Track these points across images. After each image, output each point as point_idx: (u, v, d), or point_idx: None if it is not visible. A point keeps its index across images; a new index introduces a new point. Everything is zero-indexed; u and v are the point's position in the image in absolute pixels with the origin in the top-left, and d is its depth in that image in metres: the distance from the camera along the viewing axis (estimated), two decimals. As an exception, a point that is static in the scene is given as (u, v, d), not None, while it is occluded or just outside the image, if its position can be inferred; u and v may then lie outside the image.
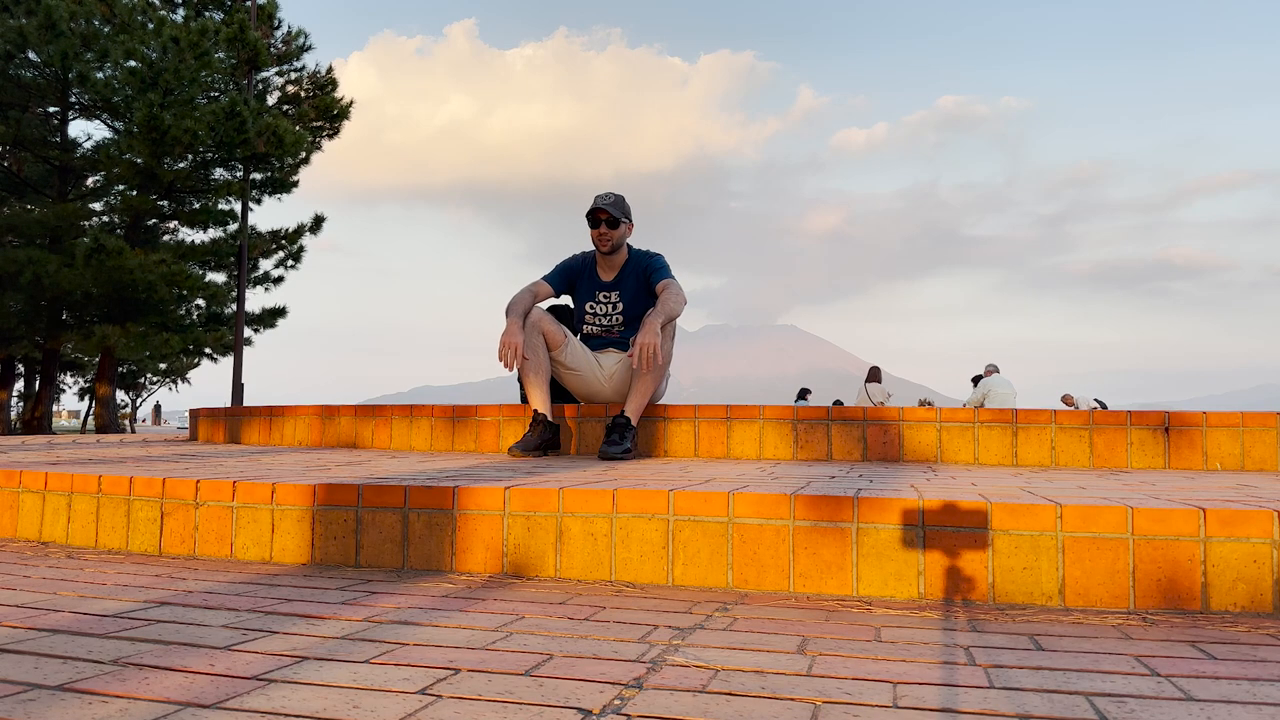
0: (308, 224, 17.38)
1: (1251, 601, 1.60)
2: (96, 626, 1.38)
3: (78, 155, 15.00)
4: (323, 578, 1.85)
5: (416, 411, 4.03)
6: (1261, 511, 1.62)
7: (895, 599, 1.69)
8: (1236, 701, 1.06)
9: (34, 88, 13.96)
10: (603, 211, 3.55)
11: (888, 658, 1.25)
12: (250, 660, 1.20)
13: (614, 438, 3.26)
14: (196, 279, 14.63)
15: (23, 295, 13.71)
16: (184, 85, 13.60)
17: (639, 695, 1.06)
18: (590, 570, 1.87)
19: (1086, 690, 1.10)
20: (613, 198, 3.60)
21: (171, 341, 14.53)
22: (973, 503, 1.71)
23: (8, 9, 13.03)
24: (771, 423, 3.52)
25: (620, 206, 3.59)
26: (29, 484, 2.43)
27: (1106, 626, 1.48)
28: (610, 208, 3.56)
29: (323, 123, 17.59)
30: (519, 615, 1.51)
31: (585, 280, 3.72)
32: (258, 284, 17.52)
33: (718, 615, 1.53)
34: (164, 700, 1.03)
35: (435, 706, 1.02)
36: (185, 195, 15.74)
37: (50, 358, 15.96)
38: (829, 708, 1.03)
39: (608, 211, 3.55)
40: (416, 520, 1.98)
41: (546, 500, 1.91)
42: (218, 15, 16.46)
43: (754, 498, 1.81)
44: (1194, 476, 2.75)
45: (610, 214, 3.56)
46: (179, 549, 2.16)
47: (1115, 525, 1.66)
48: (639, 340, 3.21)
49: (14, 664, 1.17)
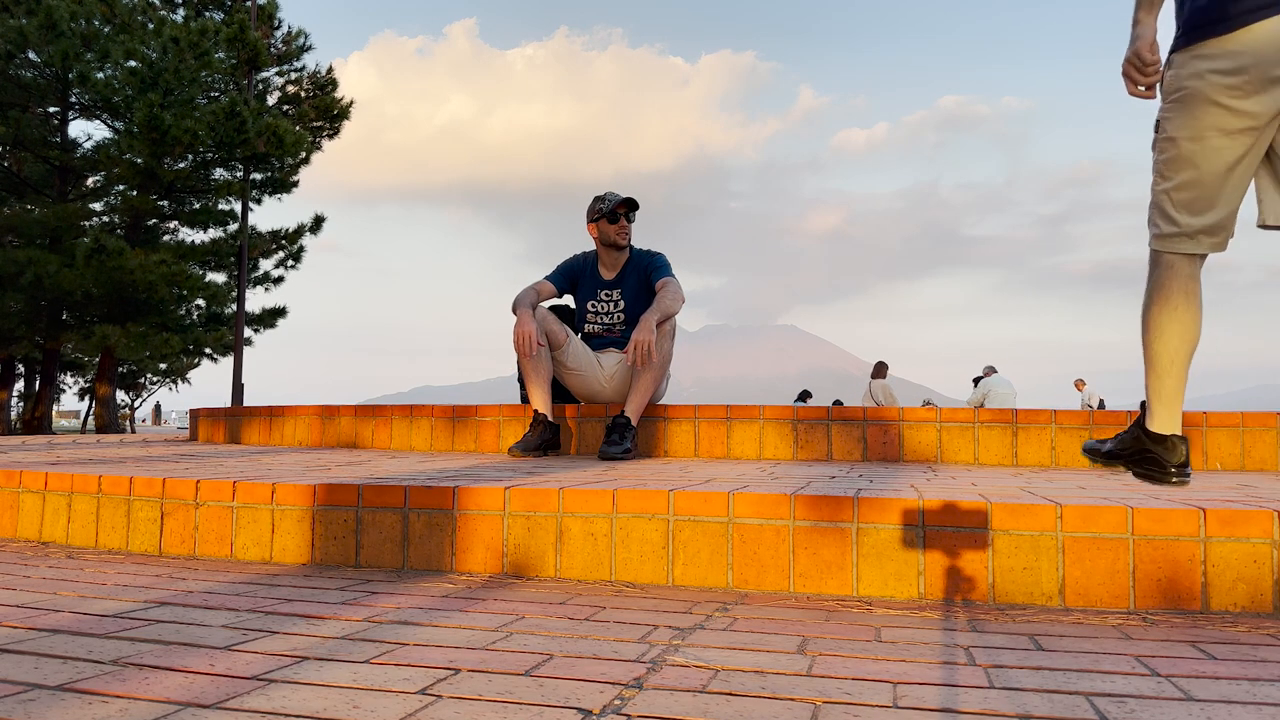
0: (308, 224, 17.38)
1: (1251, 601, 1.60)
2: (96, 626, 1.38)
3: (78, 155, 14.99)
4: (323, 578, 1.85)
5: (416, 411, 4.03)
6: (1261, 511, 1.62)
7: (895, 599, 1.69)
8: (1236, 701, 1.06)
9: (34, 88, 13.96)
10: (631, 203, 3.64)
11: (888, 658, 1.25)
12: (250, 660, 1.20)
13: (614, 438, 3.26)
14: (196, 279, 14.63)
15: (23, 295, 13.70)
16: (184, 85, 13.60)
17: (639, 695, 1.06)
18: (590, 570, 1.87)
19: (1087, 690, 1.10)
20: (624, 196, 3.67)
21: (171, 341, 14.52)
22: (973, 503, 1.71)
23: (8, 9, 13.02)
24: (771, 423, 3.52)
25: None
26: (29, 484, 2.43)
27: (1107, 626, 1.48)
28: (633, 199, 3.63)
29: (323, 123, 17.59)
30: (519, 615, 1.51)
31: (587, 279, 3.74)
32: (258, 284, 17.51)
33: (718, 615, 1.53)
34: (164, 700, 1.03)
35: (435, 706, 1.02)
36: (185, 195, 15.74)
37: (50, 358, 15.96)
38: (829, 708, 1.03)
39: (635, 202, 3.65)
40: (416, 520, 1.98)
41: (546, 500, 1.91)
42: (218, 15, 16.46)
43: (754, 498, 1.81)
44: (1194, 476, 2.75)
45: (637, 204, 3.66)
46: (179, 549, 2.16)
47: (1115, 525, 1.66)
48: (634, 338, 3.24)
49: (14, 664, 1.17)
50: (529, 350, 3.34)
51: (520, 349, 3.36)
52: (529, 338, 3.33)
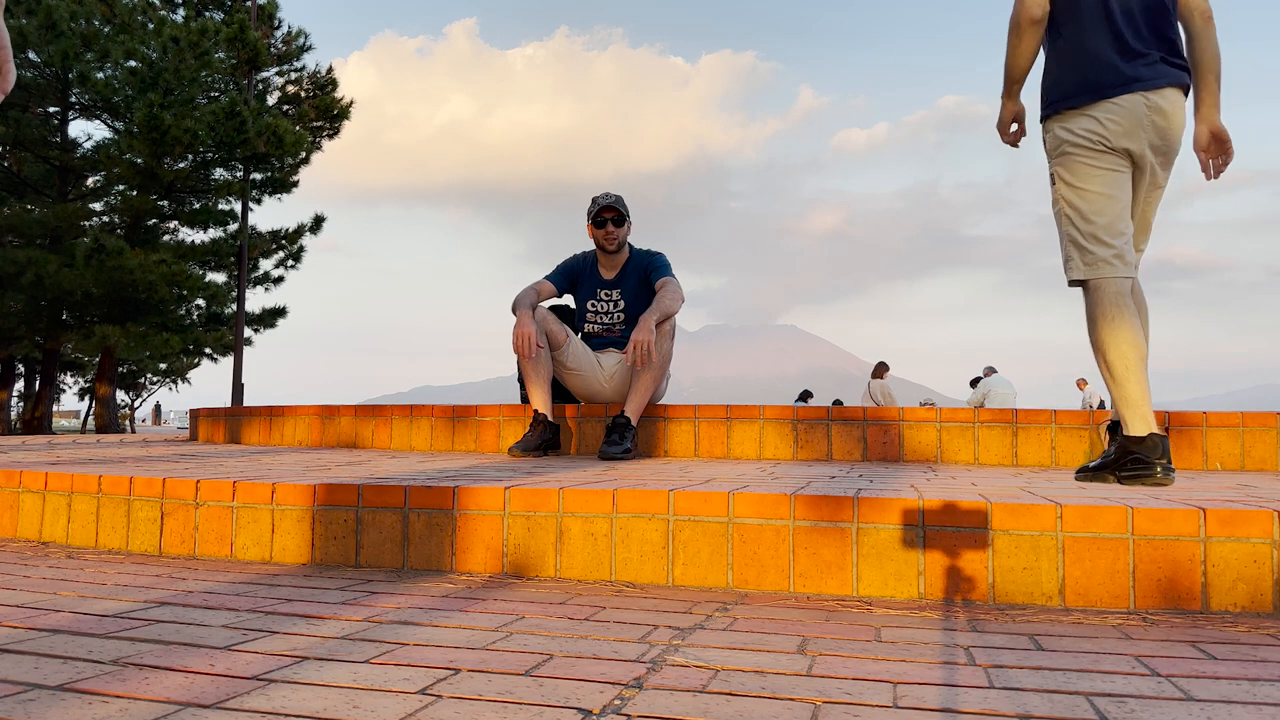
0: (308, 224, 17.37)
1: (1251, 601, 1.60)
2: (96, 626, 1.38)
3: (78, 155, 14.99)
4: (323, 578, 1.85)
5: (416, 411, 4.03)
6: (1261, 511, 1.62)
7: (895, 599, 1.69)
8: (1236, 701, 1.06)
9: (34, 88, 13.95)
10: (609, 209, 3.59)
11: (888, 658, 1.25)
12: (250, 660, 1.20)
13: (614, 438, 3.26)
14: (196, 279, 14.63)
15: (23, 295, 13.70)
16: (184, 85, 13.60)
17: (639, 695, 1.06)
18: (590, 570, 1.87)
19: (1087, 690, 1.10)
20: (614, 196, 3.63)
21: (171, 341, 14.52)
22: (973, 503, 1.71)
23: (8, 9, 13.02)
24: (771, 423, 3.52)
25: (622, 205, 3.63)
26: (29, 484, 2.43)
27: (1107, 626, 1.48)
28: (616, 204, 3.59)
29: (323, 123, 17.59)
30: (519, 615, 1.51)
31: (587, 279, 3.73)
32: (258, 284, 17.51)
33: (718, 615, 1.53)
34: (164, 700, 1.03)
35: (435, 706, 1.02)
36: (185, 195, 15.73)
37: (50, 358, 15.96)
38: (829, 708, 1.03)
39: (615, 209, 3.59)
40: (416, 520, 1.98)
41: (546, 500, 1.91)
42: (218, 15, 16.46)
43: (754, 498, 1.81)
44: (1194, 476, 2.75)
45: (618, 210, 3.59)
46: (179, 549, 2.16)
47: (1115, 525, 1.66)
48: (633, 338, 3.24)
49: (14, 664, 1.17)
50: (528, 352, 3.34)
51: (519, 351, 3.36)
52: (528, 339, 3.33)
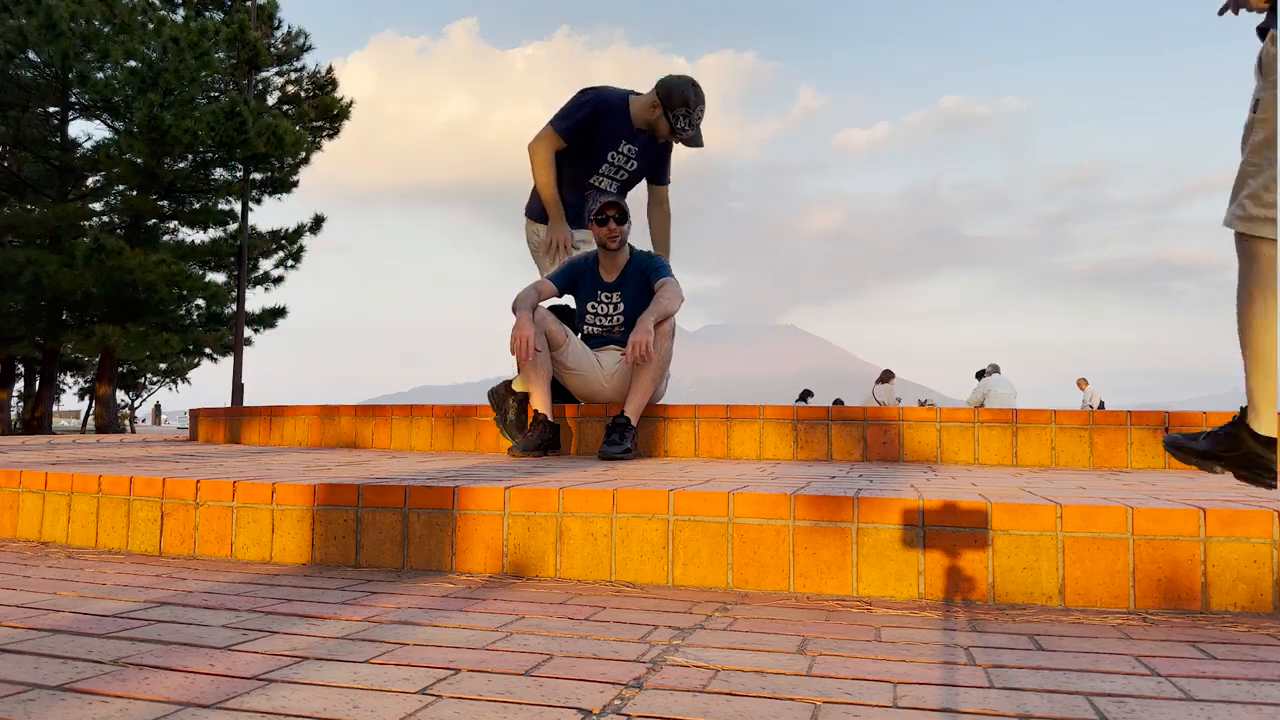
0: (308, 224, 17.38)
1: (1251, 601, 1.60)
2: (96, 626, 1.38)
3: (78, 155, 15.00)
4: (323, 578, 1.85)
5: (416, 411, 4.03)
6: (1261, 511, 1.62)
7: (895, 599, 1.69)
8: (1236, 701, 1.06)
9: (34, 88, 13.96)
10: (611, 206, 3.53)
11: (888, 658, 1.25)
12: (250, 660, 1.20)
13: (614, 438, 3.26)
14: (196, 279, 14.63)
15: (23, 295, 13.70)
16: (184, 85, 13.59)
17: (639, 695, 1.06)
18: (590, 570, 1.87)
19: (1087, 690, 1.10)
20: (615, 193, 3.61)
21: (171, 341, 14.52)
22: (973, 503, 1.71)
23: (8, 9, 13.02)
24: (771, 423, 3.52)
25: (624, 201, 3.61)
26: (29, 484, 2.43)
27: (1106, 626, 1.48)
28: (618, 201, 3.55)
29: (323, 123, 17.59)
30: (519, 615, 1.51)
31: (587, 280, 3.72)
32: (258, 284, 17.51)
33: (718, 615, 1.53)
34: (164, 700, 1.03)
35: (435, 706, 1.02)
36: (185, 195, 15.74)
37: (50, 358, 15.97)
38: (829, 708, 1.03)
39: (617, 205, 3.54)
40: (416, 520, 1.98)
41: (546, 500, 1.91)
42: (218, 15, 16.46)
43: (754, 498, 1.81)
44: (1194, 477, 2.75)
45: (620, 207, 3.55)
46: (179, 549, 2.16)
47: (1115, 525, 1.66)
48: (631, 338, 3.23)
49: (14, 664, 1.17)
50: (526, 355, 3.31)
51: (517, 353, 3.33)
52: (526, 342, 3.29)
